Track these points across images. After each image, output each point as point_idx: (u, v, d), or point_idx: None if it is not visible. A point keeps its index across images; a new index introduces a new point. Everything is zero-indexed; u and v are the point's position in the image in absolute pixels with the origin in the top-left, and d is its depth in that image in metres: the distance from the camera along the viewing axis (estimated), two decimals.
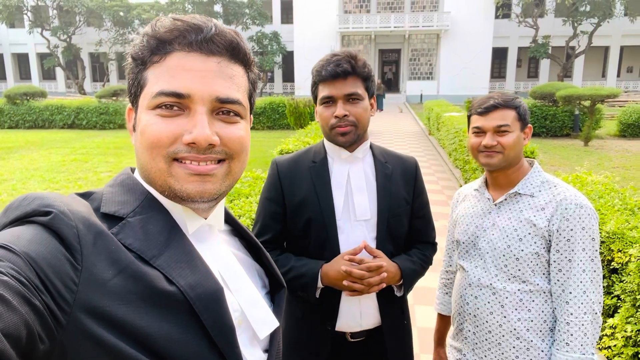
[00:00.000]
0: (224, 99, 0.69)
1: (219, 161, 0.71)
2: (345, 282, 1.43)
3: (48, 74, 40.28)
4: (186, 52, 0.68)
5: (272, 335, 0.81)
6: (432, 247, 1.70)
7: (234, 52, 0.72)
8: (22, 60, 40.28)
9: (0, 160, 11.37)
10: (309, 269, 1.49)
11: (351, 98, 1.46)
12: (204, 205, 0.71)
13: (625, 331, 2.56)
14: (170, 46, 0.68)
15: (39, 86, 25.48)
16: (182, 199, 0.69)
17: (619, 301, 2.74)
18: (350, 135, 1.48)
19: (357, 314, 1.53)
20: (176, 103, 0.67)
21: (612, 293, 2.81)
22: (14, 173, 9.64)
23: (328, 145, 1.59)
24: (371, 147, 1.63)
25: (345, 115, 1.46)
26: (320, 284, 1.48)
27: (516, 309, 1.49)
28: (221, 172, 0.71)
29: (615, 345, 2.64)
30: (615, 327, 2.69)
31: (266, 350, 0.80)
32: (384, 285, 1.46)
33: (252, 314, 0.76)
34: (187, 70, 0.68)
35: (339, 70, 1.44)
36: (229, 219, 0.88)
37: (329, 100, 1.48)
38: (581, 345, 1.39)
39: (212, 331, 0.65)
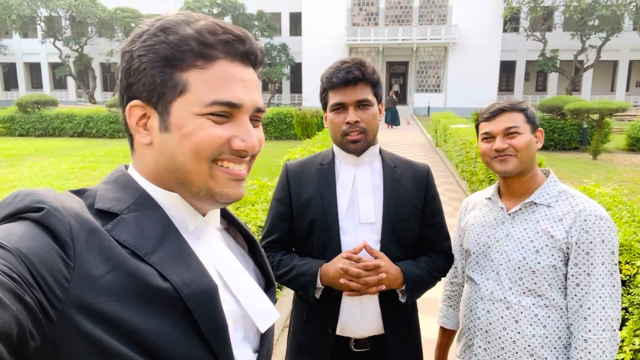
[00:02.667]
0: (260, 108, 0.74)
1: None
2: (341, 280, 1.42)
3: (59, 83, 40.80)
4: (230, 61, 0.70)
5: (263, 336, 0.81)
6: (445, 256, 1.64)
7: (260, 63, 0.76)
8: (34, 69, 40.86)
9: (10, 167, 11.49)
10: (309, 267, 1.49)
11: (362, 104, 1.48)
12: (224, 205, 0.74)
13: (633, 344, 2.52)
14: (215, 52, 0.69)
15: (51, 95, 25.82)
16: (216, 201, 0.72)
17: (627, 314, 2.70)
18: (360, 143, 1.50)
19: (359, 318, 1.52)
20: (227, 112, 0.69)
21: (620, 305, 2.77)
22: (23, 180, 9.74)
23: (337, 149, 1.61)
24: (381, 152, 1.63)
25: (357, 122, 1.47)
26: (319, 284, 1.48)
27: (531, 325, 1.43)
28: (247, 173, 0.76)
29: (623, 359, 2.60)
30: (623, 340, 2.65)
31: (256, 351, 0.80)
32: (384, 286, 1.44)
33: (253, 307, 0.76)
34: (237, 80, 0.70)
35: (350, 77, 1.45)
36: (225, 214, 0.88)
37: (340, 107, 1.49)
38: None
39: (204, 329, 0.65)
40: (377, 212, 1.52)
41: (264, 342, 0.81)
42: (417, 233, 1.58)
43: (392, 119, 22.06)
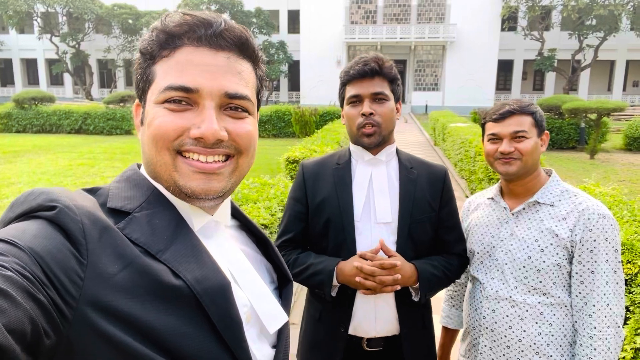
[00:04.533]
0: (233, 94, 0.69)
1: (227, 158, 0.71)
2: (357, 279, 1.40)
3: (56, 80, 40.58)
4: (195, 47, 0.68)
5: (280, 331, 0.81)
6: (459, 258, 1.61)
7: (243, 47, 0.72)
8: (30, 65, 40.63)
9: (8, 163, 11.43)
10: (326, 266, 1.48)
11: (377, 98, 1.48)
12: (210, 203, 0.71)
13: (634, 343, 2.54)
14: (180, 40, 0.68)
15: (47, 91, 25.68)
16: (187, 195, 0.69)
17: (629, 312, 2.72)
18: (375, 137, 1.49)
19: (372, 318, 1.51)
20: (184, 98, 0.67)
21: None
22: (21, 176, 9.70)
23: (353, 147, 1.60)
24: (398, 152, 1.62)
25: (371, 114, 1.47)
26: (335, 282, 1.47)
27: (536, 323, 1.45)
28: (228, 170, 0.71)
29: (624, 358, 2.62)
30: (624, 339, 2.67)
31: (274, 346, 0.80)
32: (398, 287, 1.43)
33: (262, 308, 0.76)
34: (196, 65, 0.67)
35: (367, 69, 1.46)
36: (237, 213, 0.87)
37: (356, 100, 1.49)
38: None
39: (219, 325, 0.65)
40: (393, 212, 1.51)
41: (282, 337, 0.81)
42: (432, 235, 1.57)
43: None
